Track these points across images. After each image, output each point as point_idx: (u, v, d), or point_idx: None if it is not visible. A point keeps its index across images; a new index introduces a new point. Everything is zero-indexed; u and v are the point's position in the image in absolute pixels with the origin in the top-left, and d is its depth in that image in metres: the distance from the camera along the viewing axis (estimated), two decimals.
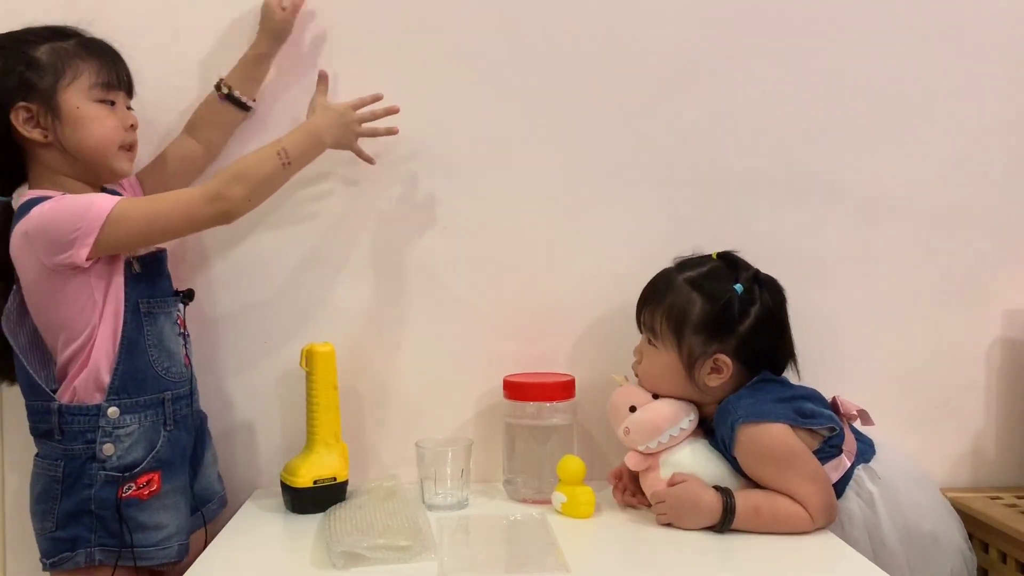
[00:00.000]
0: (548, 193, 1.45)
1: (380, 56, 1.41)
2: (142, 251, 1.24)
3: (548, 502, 1.30)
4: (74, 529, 1.18)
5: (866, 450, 1.27)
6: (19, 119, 1.19)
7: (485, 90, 1.44)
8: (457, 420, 1.46)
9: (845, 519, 1.23)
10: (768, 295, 1.27)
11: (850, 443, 1.26)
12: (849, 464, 1.24)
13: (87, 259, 1.15)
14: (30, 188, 1.23)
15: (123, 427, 1.19)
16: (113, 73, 1.24)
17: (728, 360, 1.24)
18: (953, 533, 1.28)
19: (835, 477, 1.23)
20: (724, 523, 1.17)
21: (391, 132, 1.37)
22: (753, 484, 1.22)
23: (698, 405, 1.28)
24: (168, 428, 1.24)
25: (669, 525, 1.20)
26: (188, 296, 1.32)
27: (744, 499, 1.18)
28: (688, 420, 1.26)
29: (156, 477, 1.21)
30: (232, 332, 1.43)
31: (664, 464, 1.25)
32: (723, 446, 1.23)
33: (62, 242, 1.14)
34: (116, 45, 1.26)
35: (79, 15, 1.26)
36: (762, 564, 1.12)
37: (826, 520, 1.18)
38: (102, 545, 1.18)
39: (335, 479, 1.30)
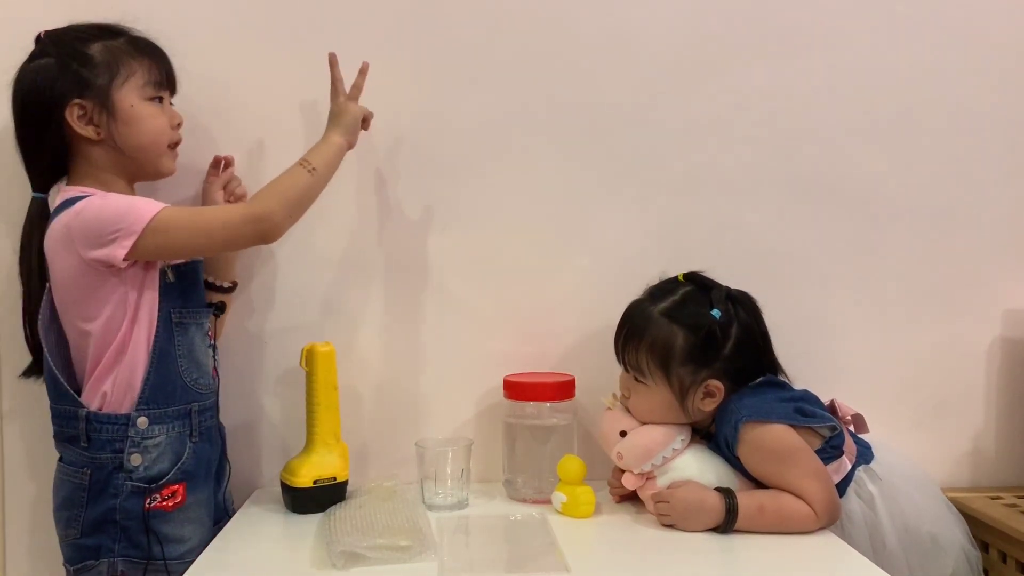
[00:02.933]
0: (548, 193, 1.45)
1: (380, 56, 1.40)
2: (178, 260, 1.23)
3: (548, 502, 1.30)
4: (98, 538, 1.17)
5: (865, 452, 1.28)
6: (73, 116, 1.19)
7: (485, 91, 1.44)
8: (457, 420, 1.46)
9: (846, 519, 1.23)
10: (743, 311, 1.27)
11: (850, 445, 1.26)
12: (850, 465, 1.25)
13: (124, 259, 1.14)
14: (69, 184, 1.23)
15: (151, 437, 1.19)
16: (162, 71, 1.25)
17: (719, 384, 1.23)
18: (954, 533, 1.28)
19: (836, 479, 1.23)
20: (727, 523, 1.17)
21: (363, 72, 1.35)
22: (755, 484, 1.22)
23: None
24: (194, 440, 1.23)
25: (671, 526, 1.20)
26: (220, 308, 1.32)
27: (748, 499, 1.18)
28: (680, 439, 1.25)
29: (181, 489, 1.20)
30: (233, 332, 1.42)
31: (662, 474, 1.25)
32: (725, 446, 1.23)
33: (103, 238, 1.13)
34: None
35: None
36: (763, 564, 1.12)
37: (830, 518, 1.18)
38: (125, 556, 1.17)
39: (335, 479, 1.30)
